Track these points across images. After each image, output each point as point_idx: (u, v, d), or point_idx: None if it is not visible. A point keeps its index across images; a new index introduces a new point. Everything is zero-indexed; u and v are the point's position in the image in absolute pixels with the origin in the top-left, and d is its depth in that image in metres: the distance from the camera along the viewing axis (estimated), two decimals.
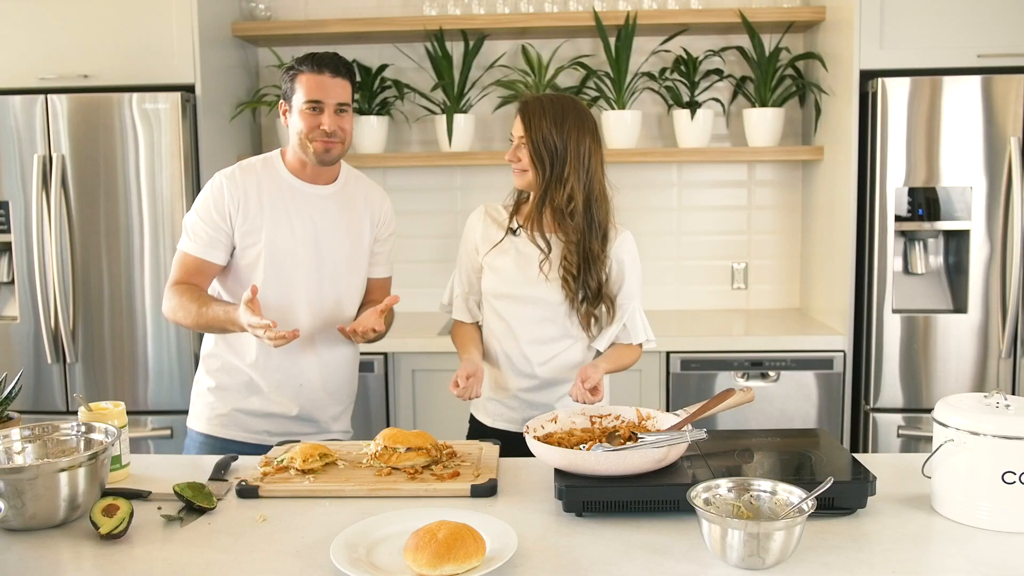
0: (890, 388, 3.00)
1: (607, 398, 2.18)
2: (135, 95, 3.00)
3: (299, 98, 2.01)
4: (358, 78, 3.46)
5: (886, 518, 1.47)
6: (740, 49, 3.43)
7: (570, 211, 1.97)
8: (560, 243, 2.01)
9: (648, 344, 2.10)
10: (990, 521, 1.40)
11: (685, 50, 3.42)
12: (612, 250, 2.03)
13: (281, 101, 2.09)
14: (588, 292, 2.00)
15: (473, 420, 2.21)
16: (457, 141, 3.40)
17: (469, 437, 2.18)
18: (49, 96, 3.02)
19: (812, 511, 1.31)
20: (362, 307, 2.19)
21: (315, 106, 2.00)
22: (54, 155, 3.01)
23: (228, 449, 2.01)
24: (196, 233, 2.04)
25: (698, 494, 1.36)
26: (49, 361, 3.09)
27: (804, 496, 1.33)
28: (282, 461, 1.72)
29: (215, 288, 2.11)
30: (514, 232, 2.07)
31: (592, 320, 2.04)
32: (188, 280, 2.04)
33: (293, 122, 2.05)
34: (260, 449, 1.97)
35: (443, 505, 1.53)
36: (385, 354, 3.12)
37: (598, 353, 2.09)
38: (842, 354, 3.05)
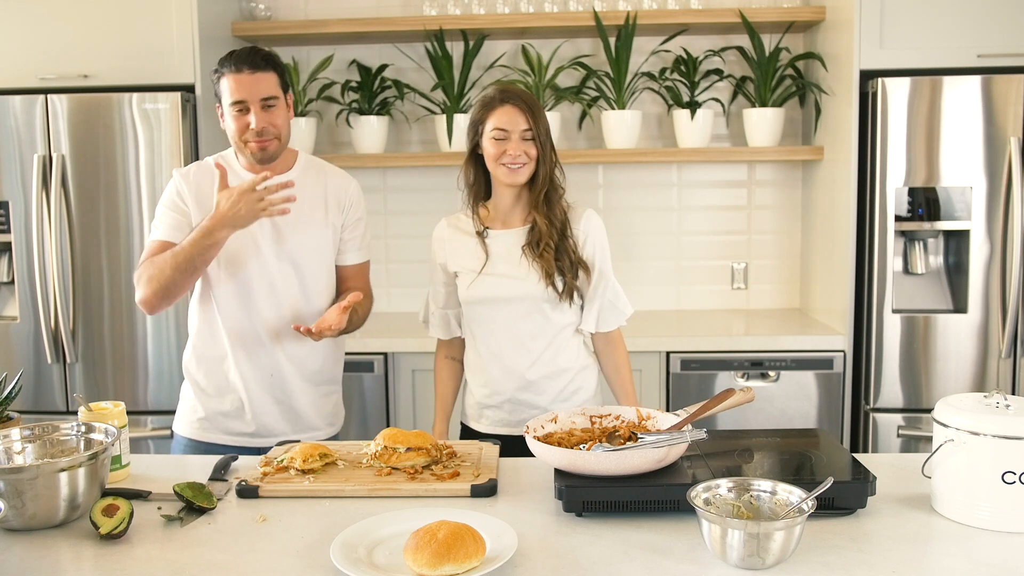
0: (890, 388, 3.00)
1: (600, 399, 2.20)
2: (135, 95, 3.00)
3: (226, 100, 2.00)
4: (353, 78, 3.48)
5: (886, 518, 1.46)
6: (740, 49, 3.43)
7: (556, 190, 2.06)
8: (539, 227, 2.04)
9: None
10: (990, 521, 1.40)
11: (685, 50, 3.42)
12: (580, 224, 2.08)
13: (217, 104, 2.06)
14: (569, 261, 2.03)
15: (466, 429, 2.20)
16: (457, 141, 3.40)
17: None
18: (49, 96, 3.02)
19: (812, 511, 1.31)
20: (339, 295, 2.16)
21: (241, 106, 1.99)
22: (54, 155, 3.01)
23: (211, 453, 2.00)
24: (161, 221, 2.07)
25: (698, 494, 1.36)
26: (49, 361, 3.09)
27: (804, 496, 1.33)
28: (282, 461, 1.72)
29: None
30: (482, 235, 2.08)
31: (575, 292, 2.05)
32: None
33: (227, 125, 2.03)
34: (243, 452, 1.94)
35: (443, 505, 1.53)
36: (385, 354, 3.12)
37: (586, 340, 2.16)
38: (842, 354, 3.05)
